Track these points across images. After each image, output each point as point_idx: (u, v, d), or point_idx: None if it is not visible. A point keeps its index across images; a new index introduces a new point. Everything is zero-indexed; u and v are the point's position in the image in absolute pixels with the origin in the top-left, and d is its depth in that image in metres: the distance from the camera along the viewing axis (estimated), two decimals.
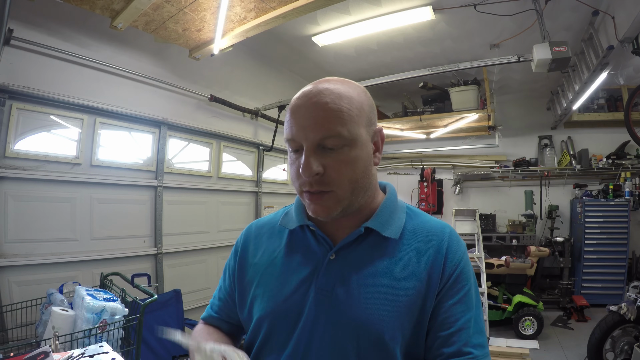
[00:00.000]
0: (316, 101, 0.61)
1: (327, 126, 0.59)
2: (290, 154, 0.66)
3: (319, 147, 0.61)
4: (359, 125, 0.62)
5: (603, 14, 2.95)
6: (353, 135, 0.61)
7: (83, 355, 0.90)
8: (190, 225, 3.26)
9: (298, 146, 0.63)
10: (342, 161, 0.61)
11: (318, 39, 3.57)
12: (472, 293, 0.66)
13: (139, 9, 2.32)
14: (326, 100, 0.60)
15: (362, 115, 0.63)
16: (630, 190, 4.48)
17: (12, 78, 2.11)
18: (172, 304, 2.52)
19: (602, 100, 4.82)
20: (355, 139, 0.62)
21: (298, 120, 0.62)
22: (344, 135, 0.60)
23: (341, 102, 0.61)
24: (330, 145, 0.60)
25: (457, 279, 0.65)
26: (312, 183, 0.61)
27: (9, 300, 2.00)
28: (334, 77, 0.66)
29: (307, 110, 0.61)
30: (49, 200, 2.30)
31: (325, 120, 0.60)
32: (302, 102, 0.62)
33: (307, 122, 0.60)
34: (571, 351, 3.21)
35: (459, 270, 0.65)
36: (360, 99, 0.64)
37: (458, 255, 0.67)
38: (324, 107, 0.60)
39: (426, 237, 0.68)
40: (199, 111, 3.38)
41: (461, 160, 5.70)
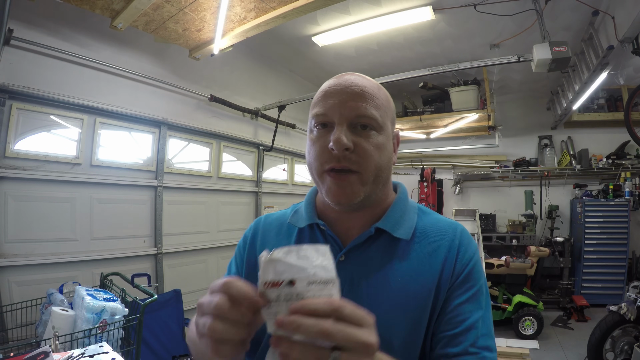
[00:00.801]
0: (353, 83, 0.62)
1: (363, 105, 0.61)
2: (314, 132, 0.64)
3: (351, 125, 0.61)
4: (387, 117, 0.65)
5: (603, 14, 2.95)
6: (383, 122, 0.63)
7: (83, 355, 0.90)
8: (190, 225, 3.26)
9: (328, 120, 0.62)
10: (371, 143, 0.61)
11: (318, 39, 3.57)
12: (482, 293, 0.64)
13: (139, 9, 2.32)
14: (364, 84, 0.63)
15: (389, 110, 0.67)
16: (630, 190, 4.48)
17: (12, 78, 2.11)
18: (172, 304, 2.52)
19: (602, 100, 4.82)
20: (384, 127, 0.64)
21: (332, 97, 0.62)
22: (376, 118, 0.62)
23: (376, 90, 0.64)
24: (362, 124, 0.61)
25: (467, 277, 0.63)
26: (340, 158, 0.60)
27: (9, 300, 2.00)
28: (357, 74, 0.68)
29: (343, 90, 0.62)
30: (49, 200, 2.30)
31: (361, 100, 0.61)
32: (337, 83, 0.63)
33: (343, 99, 0.61)
34: (571, 351, 3.21)
35: (469, 268, 0.64)
36: (388, 97, 0.68)
37: (469, 253, 0.66)
38: (361, 89, 0.62)
39: (437, 238, 0.67)
40: (199, 111, 3.38)
41: (461, 160, 5.70)
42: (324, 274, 0.40)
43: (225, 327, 0.40)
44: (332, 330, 0.36)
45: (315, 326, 0.36)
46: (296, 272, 0.39)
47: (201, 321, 0.42)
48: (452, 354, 0.58)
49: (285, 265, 0.40)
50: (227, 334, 0.40)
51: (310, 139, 0.65)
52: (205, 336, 0.41)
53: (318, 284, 0.39)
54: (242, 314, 0.41)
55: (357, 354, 0.37)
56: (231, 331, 0.40)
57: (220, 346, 0.40)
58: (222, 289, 0.41)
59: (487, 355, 0.58)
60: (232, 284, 0.42)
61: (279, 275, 0.39)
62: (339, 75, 0.66)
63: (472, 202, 5.60)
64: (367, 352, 0.38)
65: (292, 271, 0.39)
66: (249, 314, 0.41)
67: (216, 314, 0.40)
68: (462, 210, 4.41)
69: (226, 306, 0.40)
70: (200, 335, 0.42)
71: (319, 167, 0.63)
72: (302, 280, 0.39)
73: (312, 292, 0.39)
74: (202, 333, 0.41)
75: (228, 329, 0.40)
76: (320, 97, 0.64)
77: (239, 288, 0.41)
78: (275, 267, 0.40)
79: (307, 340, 0.37)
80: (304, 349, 0.36)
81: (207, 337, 0.41)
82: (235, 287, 0.41)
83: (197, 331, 0.43)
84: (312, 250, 0.41)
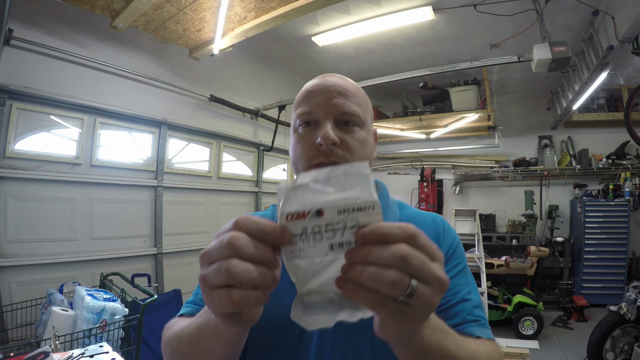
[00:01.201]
0: (335, 82, 0.65)
1: (346, 103, 0.64)
2: (299, 130, 0.65)
3: (336, 122, 0.63)
4: (367, 114, 0.69)
5: (603, 14, 2.95)
6: (364, 119, 0.66)
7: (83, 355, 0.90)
8: (190, 225, 3.26)
9: (312, 119, 0.64)
10: (355, 138, 0.64)
11: (318, 39, 3.57)
12: (467, 270, 0.68)
13: (139, 9, 2.32)
14: (345, 84, 0.66)
15: (368, 107, 0.70)
16: (630, 190, 4.48)
17: (12, 78, 2.11)
18: (172, 304, 2.52)
19: (602, 100, 4.82)
20: (365, 123, 0.67)
21: (316, 96, 0.64)
22: (359, 115, 0.65)
23: (356, 90, 0.68)
24: (346, 120, 0.64)
25: (453, 255, 0.67)
26: (328, 153, 0.61)
27: (9, 300, 2.00)
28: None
29: (327, 89, 0.64)
30: (49, 200, 2.30)
31: (344, 98, 0.64)
32: (320, 83, 0.66)
33: (327, 97, 0.64)
34: (571, 351, 3.21)
35: (454, 247, 0.69)
36: (366, 96, 0.71)
37: (451, 235, 0.71)
38: (343, 87, 0.65)
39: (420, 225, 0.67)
40: (199, 111, 3.38)
41: (461, 160, 5.70)
42: (359, 198, 0.33)
43: (247, 267, 0.33)
44: (410, 255, 0.32)
45: (389, 250, 0.31)
46: (325, 199, 0.33)
47: (211, 270, 0.34)
48: (453, 324, 0.58)
49: (312, 193, 0.33)
50: (251, 276, 0.33)
51: (294, 137, 0.67)
52: (220, 286, 0.33)
53: (352, 212, 0.33)
54: (266, 251, 0.34)
55: (432, 287, 0.33)
56: (255, 272, 0.33)
57: (242, 296, 0.33)
58: (235, 226, 0.35)
59: (485, 322, 0.61)
60: (247, 218, 0.35)
61: (305, 204, 0.33)
62: (320, 76, 0.68)
63: (472, 202, 5.59)
64: (441, 288, 0.34)
65: (319, 199, 0.33)
66: (271, 252, 0.34)
67: (233, 253, 0.33)
68: (462, 210, 4.41)
69: (245, 241, 0.33)
70: (211, 288, 0.34)
71: (305, 163, 0.63)
72: (331, 209, 0.33)
73: (346, 223, 0.33)
74: (213, 283, 0.33)
75: (251, 270, 0.33)
76: (304, 96, 0.66)
77: (257, 221, 0.34)
78: (300, 196, 0.34)
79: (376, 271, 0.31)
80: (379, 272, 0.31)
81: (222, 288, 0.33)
82: (252, 221, 0.34)
83: (205, 285, 0.34)
84: (342, 171, 0.34)
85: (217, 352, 0.48)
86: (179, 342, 0.53)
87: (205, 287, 0.34)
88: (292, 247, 0.34)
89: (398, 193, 5.59)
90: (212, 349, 0.47)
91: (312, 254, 0.34)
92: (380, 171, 6.05)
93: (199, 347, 0.49)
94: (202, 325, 0.48)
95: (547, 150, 5.28)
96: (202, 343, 0.48)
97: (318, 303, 0.36)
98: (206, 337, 0.47)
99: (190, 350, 0.50)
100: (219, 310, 0.35)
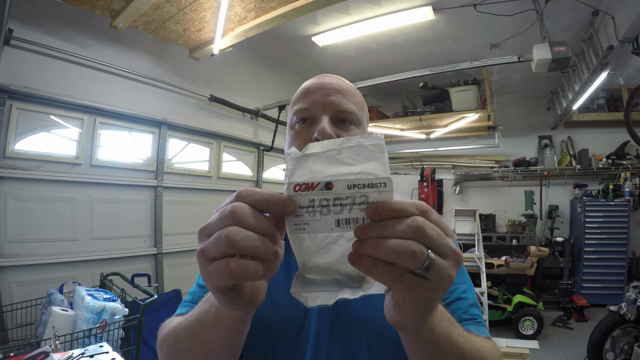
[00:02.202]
0: (332, 82, 0.66)
1: (344, 101, 0.64)
2: (296, 126, 0.66)
3: (332, 119, 0.64)
4: (364, 114, 0.69)
5: (603, 14, 2.95)
6: (361, 118, 0.67)
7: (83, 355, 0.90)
8: (191, 225, 3.26)
9: (309, 115, 0.64)
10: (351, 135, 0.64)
11: (318, 39, 3.57)
12: (464, 269, 0.68)
13: (139, 9, 2.32)
14: (345, 83, 0.68)
15: (364, 107, 0.71)
16: (630, 190, 4.48)
17: (12, 78, 2.11)
18: (172, 304, 2.52)
19: (602, 100, 4.82)
20: (362, 123, 0.67)
21: (314, 94, 0.65)
22: (355, 113, 0.65)
23: (353, 90, 0.69)
24: (343, 118, 0.64)
25: None
26: None
27: (9, 300, 2.00)
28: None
29: (324, 87, 0.65)
30: (49, 200, 2.30)
31: (342, 96, 0.65)
32: (317, 82, 0.67)
33: (325, 94, 0.64)
34: (571, 351, 3.21)
35: None
36: (362, 98, 0.72)
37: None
38: (340, 86, 0.66)
39: None
40: (199, 111, 3.38)
41: (461, 160, 5.70)
42: (371, 174, 0.32)
43: (247, 234, 0.31)
44: (426, 226, 0.31)
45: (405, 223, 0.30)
46: (335, 172, 0.31)
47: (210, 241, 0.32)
48: None
49: (323, 163, 0.32)
50: (252, 243, 0.31)
51: (290, 134, 0.67)
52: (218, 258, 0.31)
53: (362, 187, 0.31)
54: (268, 221, 0.33)
55: (449, 260, 0.32)
56: (257, 240, 0.31)
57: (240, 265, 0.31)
58: (237, 197, 0.33)
59: (481, 321, 0.61)
60: (249, 189, 0.34)
61: (314, 175, 0.32)
62: (317, 76, 0.69)
63: (472, 202, 5.59)
64: (457, 261, 0.33)
65: (330, 171, 0.31)
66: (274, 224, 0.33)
67: (234, 222, 0.31)
68: (462, 210, 4.40)
69: (247, 210, 0.32)
70: (209, 261, 0.32)
71: None
72: (341, 182, 0.31)
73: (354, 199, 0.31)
74: (212, 255, 0.32)
75: (252, 237, 0.31)
76: (301, 94, 0.67)
77: (260, 191, 0.33)
78: (310, 166, 0.32)
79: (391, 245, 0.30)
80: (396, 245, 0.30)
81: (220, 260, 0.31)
82: (255, 191, 0.33)
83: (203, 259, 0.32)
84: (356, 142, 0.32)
85: (216, 344, 0.45)
86: (175, 338, 0.51)
87: (204, 261, 0.33)
88: (298, 219, 0.32)
89: (398, 193, 5.59)
90: (211, 341, 0.45)
91: (317, 228, 0.33)
92: None
93: (197, 339, 0.46)
94: (200, 316, 0.46)
95: (547, 150, 5.28)
96: (201, 335, 0.46)
97: (320, 280, 0.34)
98: (205, 327, 0.45)
99: (188, 344, 0.47)
100: (216, 283, 0.33)
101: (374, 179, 0.32)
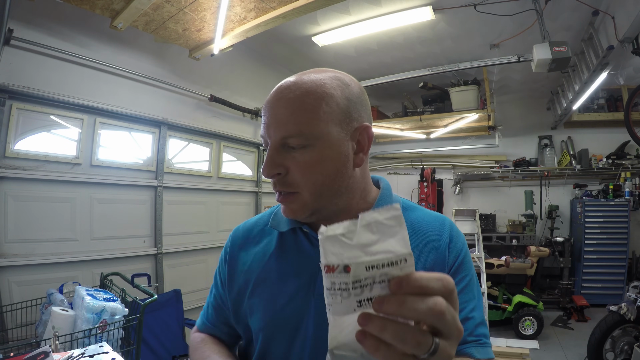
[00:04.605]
0: (280, 97, 0.59)
1: (287, 125, 0.57)
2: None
3: (283, 147, 0.58)
4: (328, 123, 0.57)
5: (603, 14, 2.95)
6: (318, 134, 0.57)
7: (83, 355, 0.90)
8: (190, 225, 3.26)
9: (266, 141, 0.61)
10: (305, 162, 0.57)
11: (318, 39, 3.57)
12: (474, 282, 0.65)
13: (139, 9, 2.32)
14: (289, 97, 0.58)
15: (333, 111, 0.58)
16: (630, 190, 4.48)
17: (12, 78, 2.11)
18: (172, 304, 2.52)
19: (602, 100, 4.82)
20: (321, 138, 0.57)
21: (265, 117, 0.61)
22: (305, 134, 0.56)
23: (306, 98, 0.57)
24: (292, 145, 0.57)
25: (459, 268, 0.64)
26: (276, 183, 0.60)
27: (9, 300, 2.00)
28: (316, 69, 0.64)
29: (272, 108, 0.59)
30: (49, 200, 2.30)
31: (286, 118, 0.57)
32: (269, 99, 0.61)
33: (271, 120, 0.59)
34: (571, 351, 3.21)
35: (461, 259, 0.65)
36: (334, 93, 0.59)
37: (459, 245, 0.66)
38: (286, 104, 0.58)
39: (426, 233, 0.66)
40: (199, 111, 3.38)
41: (461, 160, 5.70)
42: (390, 252, 0.31)
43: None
44: (447, 311, 0.30)
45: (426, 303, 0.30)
46: (351, 254, 0.31)
47: None
48: None
49: (340, 245, 0.31)
50: None
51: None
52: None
53: (381, 267, 0.31)
54: None
55: (452, 341, 0.32)
56: None
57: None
58: None
59: (486, 341, 0.60)
60: None
61: (333, 258, 0.31)
62: (280, 83, 0.62)
63: (472, 202, 5.59)
64: (458, 340, 0.33)
65: (346, 253, 0.31)
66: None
67: None
68: (462, 210, 4.40)
69: None
70: None
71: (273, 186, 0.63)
72: (358, 265, 0.31)
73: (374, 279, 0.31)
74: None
75: None
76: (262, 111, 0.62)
77: None
78: (330, 248, 0.32)
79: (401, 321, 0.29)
80: (403, 331, 0.30)
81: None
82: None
83: None
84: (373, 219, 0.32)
85: None
86: None
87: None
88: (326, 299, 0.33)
89: (398, 193, 5.52)
90: None
91: (339, 310, 0.32)
92: (380, 171, 6.06)
93: None
94: None
95: (547, 150, 5.28)
96: None
97: (347, 357, 0.34)
98: None
99: None
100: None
101: (394, 257, 0.31)
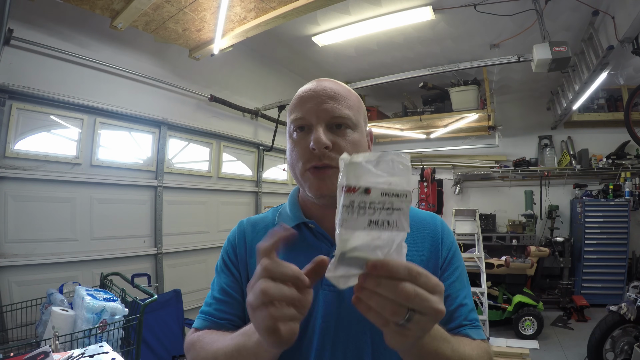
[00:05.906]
0: (326, 87, 0.68)
1: (337, 107, 0.66)
2: (294, 135, 0.68)
3: (328, 126, 0.66)
4: (360, 116, 0.71)
5: (603, 14, 2.95)
6: (357, 121, 0.69)
7: (83, 355, 0.90)
8: (190, 225, 3.26)
9: (305, 124, 0.66)
10: (348, 140, 0.66)
11: (318, 39, 3.57)
12: (464, 272, 0.74)
13: (139, 9, 2.32)
14: (335, 88, 0.69)
15: (361, 109, 0.72)
16: (630, 190, 4.48)
17: (12, 78, 2.11)
18: (172, 304, 2.52)
19: (602, 100, 4.82)
20: (358, 125, 0.69)
21: (308, 102, 0.67)
22: (350, 117, 0.67)
23: (347, 93, 0.70)
24: (338, 123, 0.66)
25: (452, 260, 0.72)
26: (321, 156, 0.64)
27: (9, 300, 2.00)
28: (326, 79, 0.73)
29: (318, 94, 0.67)
30: (49, 200, 2.30)
31: (335, 102, 0.66)
32: (311, 88, 0.68)
33: (319, 102, 0.66)
34: (571, 351, 3.21)
35: (452, 252, 0.74)
36: (359, 98, 0.73)
37: (450, 239, 0.75)
38: (334, 92, 0.67)
39: (421, 227, 0.74)
40: (199, 111, 3.38)
41: (461, 160, 5.70)
42: (399, 185, 0.40)
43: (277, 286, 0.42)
44: (411, 294, 0.38)
45: (395, 288, 0.38)
46: (373, 180, 0.38)
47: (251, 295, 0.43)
48: (450, 328, 0.65)
49: (364, 171, 0.38)
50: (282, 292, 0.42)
51: (290, 142, 0.70)
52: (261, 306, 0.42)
53: (391, 196, 0.39)
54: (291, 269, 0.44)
55: (428, 317, 0.40)
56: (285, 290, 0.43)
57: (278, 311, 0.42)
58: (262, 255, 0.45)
59: (479, 324, 0.69)
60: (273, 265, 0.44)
61: (357, 180, 0.38)
62: (312, 82, 0.71)
63: (472, 202, 5.59)
64: (435, 318, 0.41)
65: (369, 179, 0.38)
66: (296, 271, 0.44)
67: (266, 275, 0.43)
68: (462, 210, 4.41)
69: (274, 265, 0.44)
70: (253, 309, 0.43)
71: (301, 167, 0.67)
72: (377, 190, 0.38)
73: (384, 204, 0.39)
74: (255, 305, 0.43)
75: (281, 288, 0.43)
76: (296, 102, 0.69)
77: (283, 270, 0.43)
78: (355, 171, 0.38)
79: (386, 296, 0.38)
80: (383, 301, 0.39)
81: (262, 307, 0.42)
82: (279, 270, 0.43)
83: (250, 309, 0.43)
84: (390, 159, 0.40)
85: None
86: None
87: (250, 310, 0.44)
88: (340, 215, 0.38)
89: None
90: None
91: (353, 225, 0.39)
92: None
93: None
94: (239, 347, 0.55)
95: (547, 150, 5.28)
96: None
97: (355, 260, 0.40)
98: (244, 357, 0.54)
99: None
100: (262, 326, 0.43)
101: (401, 191, 0.40)
